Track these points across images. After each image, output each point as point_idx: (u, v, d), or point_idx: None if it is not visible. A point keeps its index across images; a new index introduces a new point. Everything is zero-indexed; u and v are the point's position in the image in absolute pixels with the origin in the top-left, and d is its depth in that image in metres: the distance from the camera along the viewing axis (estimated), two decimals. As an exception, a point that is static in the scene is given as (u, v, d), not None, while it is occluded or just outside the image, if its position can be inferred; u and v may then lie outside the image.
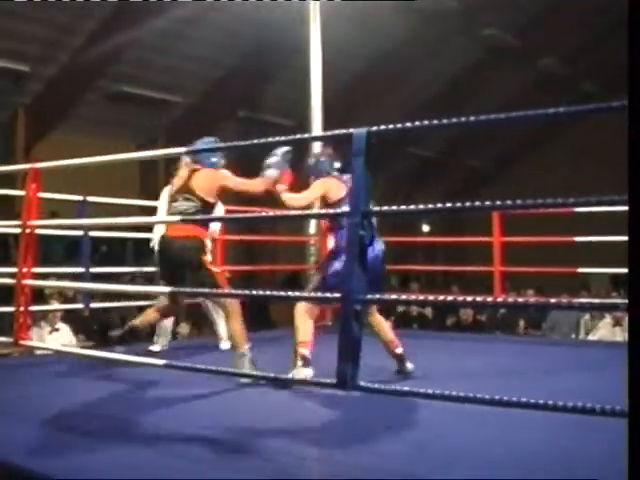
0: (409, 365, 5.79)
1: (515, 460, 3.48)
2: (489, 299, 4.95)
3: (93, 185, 9.56)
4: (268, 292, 4.74)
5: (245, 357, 5.43)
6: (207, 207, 5.57)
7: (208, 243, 5.77)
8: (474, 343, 8.46)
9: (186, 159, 5.97)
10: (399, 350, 5.80)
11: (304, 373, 5.28)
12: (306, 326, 5.56)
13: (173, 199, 5.67)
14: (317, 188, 5.77)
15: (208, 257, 5.60)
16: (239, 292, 5.33)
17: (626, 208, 7.25)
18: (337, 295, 3.78)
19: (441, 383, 3.94)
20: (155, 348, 7.59)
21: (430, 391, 3.30)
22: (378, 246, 5.67)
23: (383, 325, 5.91)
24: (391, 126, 3.67)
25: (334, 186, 5.78)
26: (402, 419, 4.24)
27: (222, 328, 7.48)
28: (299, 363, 5.38)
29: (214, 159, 5.81)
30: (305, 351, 5.43)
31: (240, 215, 7.99)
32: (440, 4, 14.75)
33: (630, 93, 2.53)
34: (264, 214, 7.06)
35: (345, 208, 5.43)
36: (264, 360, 5.49)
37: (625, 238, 7.96)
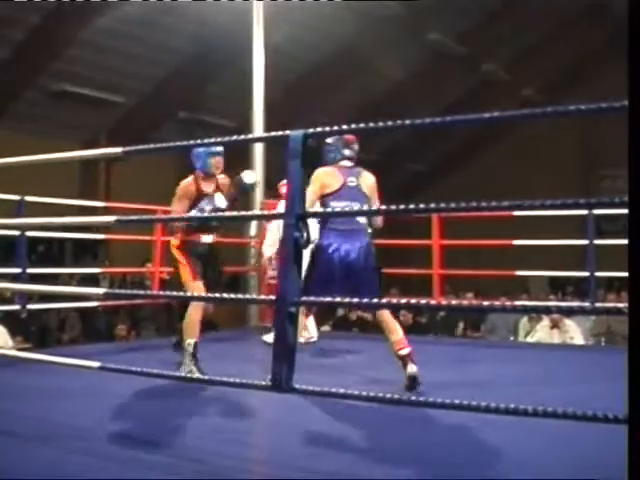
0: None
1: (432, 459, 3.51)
2: (432, 302, 5.02)
3: (32, 185, 9.43)
4: (203, 294, 4.74)
5: (187, 351, 5.60)
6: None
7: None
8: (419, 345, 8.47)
9: None
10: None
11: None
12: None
13: None
14: (314, 182, 5.49)
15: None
16: (179, 294, 5.30)
17: (564, 212, 7.34)
18: (271, 297, 3.78)
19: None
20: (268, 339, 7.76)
21: (363, 393, 3.32)
22: (349, 246, 5.43)
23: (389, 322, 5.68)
24: (327, 129, 3.67)
25: (328, 177, 5.56)
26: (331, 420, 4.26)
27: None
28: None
29: (198, 164, 6.01)
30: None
31: (179, 216, 7.95)
32: (385, 8, 14.80)
33: (630, 93, 2.54)
34: (205, 215, 7.01)
35: (342, 203, 5.44)
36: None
37: (563, 242, 8.07)
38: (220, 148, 6.00)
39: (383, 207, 5.60)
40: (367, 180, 5.71)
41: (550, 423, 2.86)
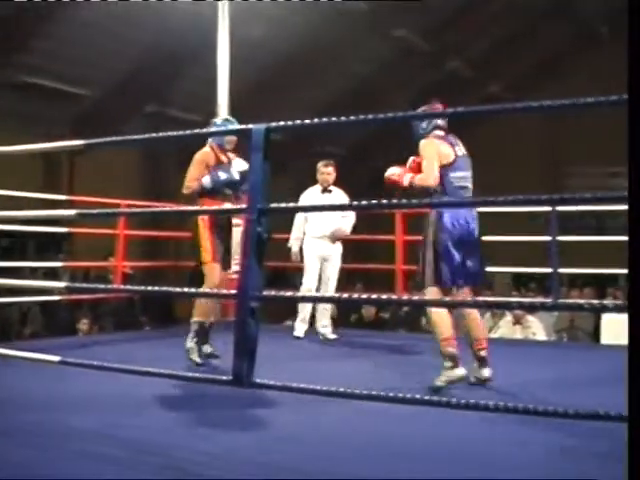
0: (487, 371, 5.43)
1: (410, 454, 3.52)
2: (394, 297, 5.04)
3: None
4: (165, 288, 4.71)
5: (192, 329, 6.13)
6: None
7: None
8: (380, 340, 8.48)
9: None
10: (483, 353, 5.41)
11: (456, 374, 5.08)
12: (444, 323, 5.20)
13: None
14: (430, 154, 5.30)
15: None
16: (141, 288, 5.29)
17: (529, 209, 7.40)
18: (233, 292, 3.78)
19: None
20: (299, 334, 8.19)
21: (318, 387, 3.32)
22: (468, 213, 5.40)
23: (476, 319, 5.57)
24: (290, 123, 3.67)
25: (442, 147, 5.40)
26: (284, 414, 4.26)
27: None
28: (448, 364, 5.11)
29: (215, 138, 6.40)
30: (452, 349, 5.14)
31: (142, 210, 7.92)
32: (350, 5, 14.80)
33: (630, 93, 2.54)
34: (168, 209, 7.00)
35: (459, 173, 5.40)
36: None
37: (527, 238, 8.13)
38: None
39: (349, 203, 5.66)
40: (464, 147, 5.62)
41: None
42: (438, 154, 5.32)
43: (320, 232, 8.04)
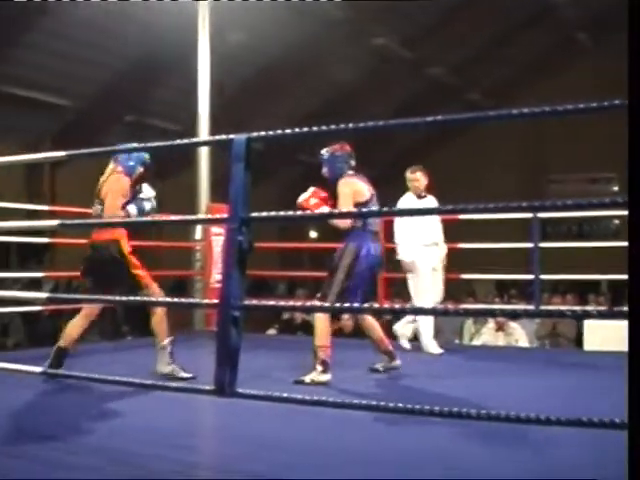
0: (397, 361, 6.19)
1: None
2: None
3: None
4: (147, 298, 4.72)
5: (165, 349, 5.81)
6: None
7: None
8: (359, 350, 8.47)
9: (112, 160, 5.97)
10: (390, 347, 6.21)
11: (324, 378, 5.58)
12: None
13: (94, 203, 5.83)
14: (347, 194, 5.79)
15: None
16: (122, 298, 5.27)
17: (511, 215, 7.42)
18: (215, 301, 3.78)
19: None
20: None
21: (307, 397, 3.33)
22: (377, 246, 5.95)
23: (374, 326, 6.15)
24: (271, 132, 3.68)
25: (359, 185, 5.88)
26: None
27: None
28: (319, 368, 5.63)
29: (131, 163, 5.86)
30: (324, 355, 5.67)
31: (123, 220, 7.90)
32: (329, 13, 14.84)
33: (630, 93, 2.55)
34: (148, 219, 6.97)
35: (373, 208, 5.88)
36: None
37: (509, 245, 8.16)
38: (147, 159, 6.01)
39: (337, 211, 5.75)
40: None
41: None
42: (354, 193, 5.83)
43: (430, 240, 7.92)
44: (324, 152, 6.08)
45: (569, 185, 19.93)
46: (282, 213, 3.73)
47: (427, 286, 7.76)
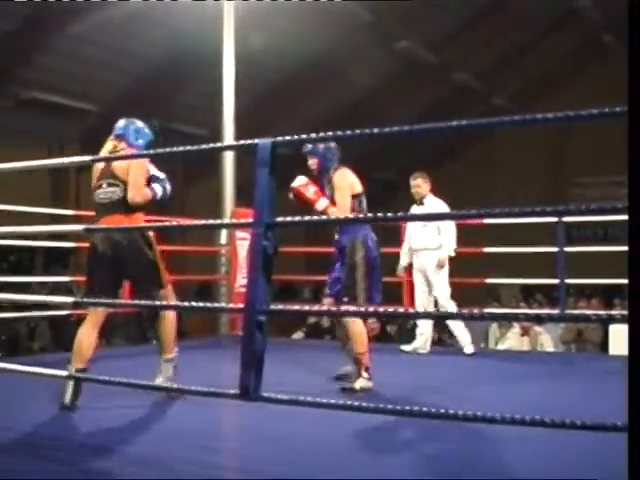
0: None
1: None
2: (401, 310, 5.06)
3: (1, 193, 9.35)
4: (173, 303, 4.73)
5: (170, 362, 5.27)
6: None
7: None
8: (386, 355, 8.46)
9: (111, 136, 5.57)
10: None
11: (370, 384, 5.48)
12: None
13: (97, 187, 5.24)
14: (345, 186, 5.69)
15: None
16: (148, 303, 5.28)
17: (534, 220, 7.39)
18: (240, 306, 3.78)
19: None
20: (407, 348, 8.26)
21: (332, 401, 3.33)
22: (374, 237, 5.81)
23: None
24: (296, 137, 3.69)
25: (353, 177, 5.81)
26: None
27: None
28: (365, 375, 5.51)
29: (140, 141, 5.48)
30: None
31: (150, 224, 7.93)
32: (355, 16, 14.83)
33: (630, 94, 2.54)
34: (175, 223, 7.00)
35: (364, 202, 5.80)
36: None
37: (534, 249, 8.13)
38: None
39: (362, 215, 5.73)
40: None
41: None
42: (351, 185, 5.73)
43: (421, 245, 8.26)
44: (319, 146, 5.83)
45: (594, 188, 19.81)
46: (307, 218, 3.74)
47: (417, 288, 8.29)
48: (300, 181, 5.67)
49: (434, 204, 8.08)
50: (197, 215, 6.26)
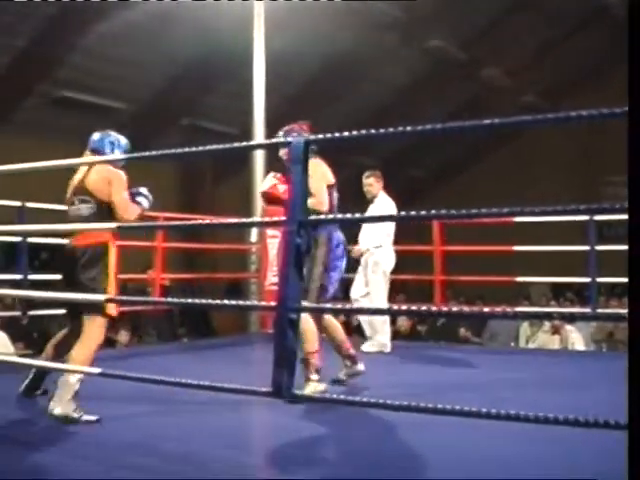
0: (360, 366, 5.77)
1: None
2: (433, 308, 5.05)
3: (35, 190, 9.39)
4: (204, 301, 4.74)
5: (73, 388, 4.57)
6: (104, 209, 5.02)
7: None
8: (420, 350, 8.44)
9: (87, 152, 5.44)
10: (352, 351, 5.78)
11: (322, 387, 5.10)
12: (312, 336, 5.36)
13: (70, 202, 5.20)
14: (319, 177, 5.42)
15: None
16: (180, 300, 5.30)
17: (566, 218, 7.32)
18: (272, 304, 3.79)
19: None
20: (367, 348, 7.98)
21: (365, 399, 3.33)
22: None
23: (337, 327, 5.77)
24: (329, 135, 3.69)
25: (325, 167, 5.66)
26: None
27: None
28: (314, 377, 5.17)
29: (117, 152, 5.31)
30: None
31: (181, 223, 7.97)
32: (385, 15, 14.81)
33: (630, 94, 2.54)
34: (207, 222, 7.00)
35: (335, 193, 5.62)
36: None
37: (565, 248, 8.07)
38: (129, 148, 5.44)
39: (393, 214, 5.69)
40: None
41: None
42: (324, 175, 5.58)
43: (363, 245, 8.08)
44: (290, 134, 5.60)
45: (626, 187, 19.66)
46: (340, 215, 3.73)
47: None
48: (268, 184, 5.57)
49: (384, 203, 7.95)
50: (226, 213, 6.24)
